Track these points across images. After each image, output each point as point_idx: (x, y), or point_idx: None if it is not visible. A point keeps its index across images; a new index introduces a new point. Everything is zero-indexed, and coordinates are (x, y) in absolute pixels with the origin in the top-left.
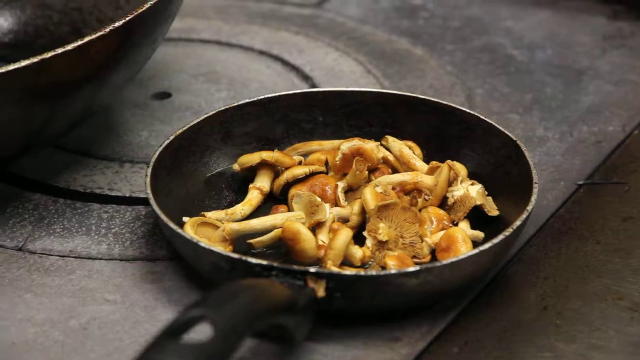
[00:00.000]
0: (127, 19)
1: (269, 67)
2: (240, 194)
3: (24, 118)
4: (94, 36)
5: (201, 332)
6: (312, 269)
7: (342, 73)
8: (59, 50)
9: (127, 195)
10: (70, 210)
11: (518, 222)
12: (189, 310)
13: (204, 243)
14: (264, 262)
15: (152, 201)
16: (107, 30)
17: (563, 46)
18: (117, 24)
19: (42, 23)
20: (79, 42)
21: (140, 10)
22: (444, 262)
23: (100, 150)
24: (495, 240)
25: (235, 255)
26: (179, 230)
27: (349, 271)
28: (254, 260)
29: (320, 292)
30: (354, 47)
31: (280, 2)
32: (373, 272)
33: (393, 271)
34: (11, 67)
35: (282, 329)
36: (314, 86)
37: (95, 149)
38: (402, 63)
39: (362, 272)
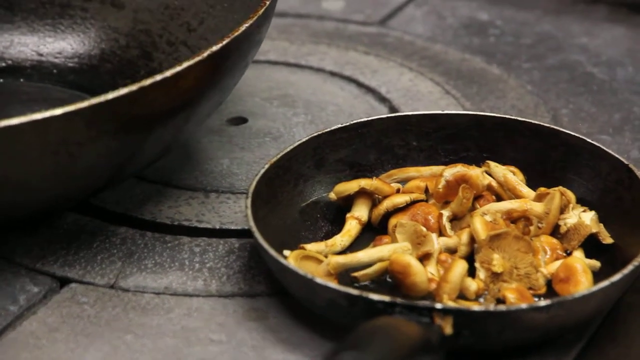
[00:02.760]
0: (224, 42)
1: (343, 89)
2: (335, 224)
3: (118, 149)
4: (191, 61)
5: None
6: (439, 305)
7: (420, 94)
8: (158, 78)
9: (218, 227)
10: (160, 244)
11: None
12: (337, 355)
13: (319, 279)
14: (387, 299)
15: (257, 235)
16: (205, 55)
17: None
18: (214, 48)
19: (107, 46)
20: (178, 68)
21: (236, 33)
22: (576, 295)
23: (182, 179)
24: (626, 271)
25: (355, 292)
26: (291, 266)
27: (477, 307)
28: (375, 297)
29: (448, 329)
30: (428, 66)
31: (342, 21)
32: (503, 308)
33: (524, 306)
34: (110, 96)
35: None
36: (392, 109)
37: (177, 179)
38: (480, 83)
39: (491, 308)
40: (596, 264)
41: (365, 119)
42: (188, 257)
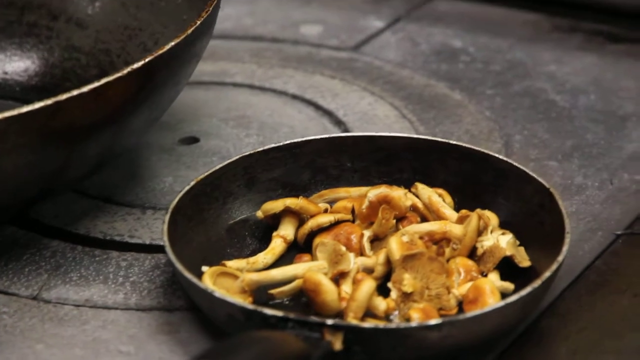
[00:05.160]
0: (146, 60)
1: (301, 111)
2: (264, 243)
3: (39, 162)
4: (111, 78)
5: None
6: (330, 321)
7: (376, 118)
8: (75, 93)
9: (147, 242)
10: (89, 257)
11: (547, 274)
12: None
13: (218, 293)
14: (280, 314)
15: (168, 249)
16: (125, 72)
17: (607, 91)
18: (135, 66)
19: (69, 66)
20: (95, 84)
21: (160, 52)
22: (468, 315)
23: (123, 196)
24: (523, 293)
25: (250, 306)
26: (193, 280)
27: (367, 324)
28: (269, 312)
29: (337, 345)
30: (390, 91)
31: (317, 46)
32: (392, 325)
33: (413, 324)
34: (24, 109)
35: None
36: (346, 131)
37: (118, 195)
38: (439, 108)
39: (380, 325)
40: (509, 286)
41: (300, 140)
42: (113, 270)
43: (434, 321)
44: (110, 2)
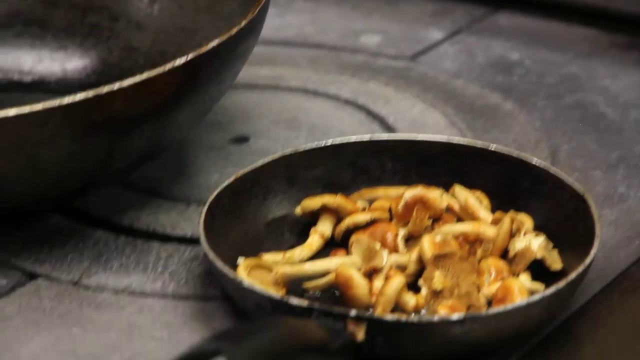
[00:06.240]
0: (188, 57)
1: (352, 116)
2: (302, 238)
3: (81, 153)
4: (152, 74)
5: None
6: (353, 312)
7: (425, 124)
8: (116, 86)
9: (189, 235)
10: (130, 247)
11: (573, 275)
12: (205, 343)
13: (246, 282)
14: (305, 303)
15: (203, 239)
16: (167, 68)
17: None
18: (177, 62)
19: (127, 65)
20: (136, 79)
21: (202, 50)
22: (490, 311)
23: (169, 190)
24: (547, 293)
25: (276, 296)
26: (224, 269)
27: (389, 316)
28: (295, 301)
29: (360, 336)
30: (442, 99)
31: (375, 54)
32: (414, 318)
33: (435, 318)
34: (65, 100)
35: None
36: None
37: (165, 190)
38: (489, 117)
39: (403, 317)
40: (539, 287)
41: (341, 141)
42: (153, 260)
43: (456, 316)
44: (168, 4)
